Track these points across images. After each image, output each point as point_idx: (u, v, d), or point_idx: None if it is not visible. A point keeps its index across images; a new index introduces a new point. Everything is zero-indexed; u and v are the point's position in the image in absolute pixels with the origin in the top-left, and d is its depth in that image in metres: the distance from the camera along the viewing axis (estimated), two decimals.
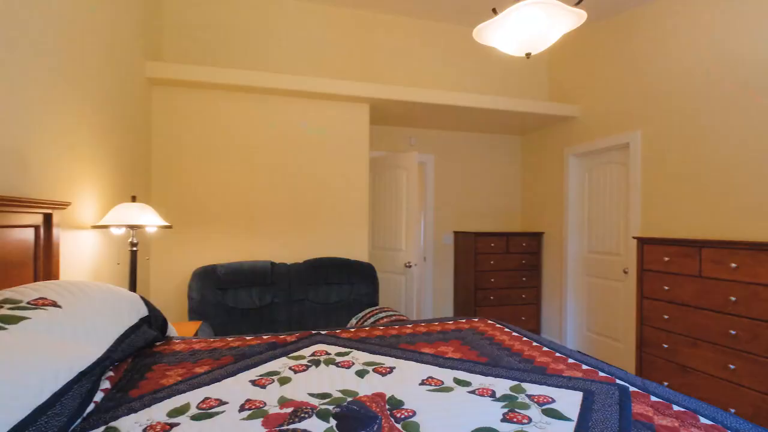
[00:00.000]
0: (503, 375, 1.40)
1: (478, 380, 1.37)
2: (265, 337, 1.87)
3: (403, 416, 1.12)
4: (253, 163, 3.26)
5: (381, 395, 1.24)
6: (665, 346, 2.66)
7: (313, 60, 3.70)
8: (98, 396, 1.15)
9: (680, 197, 2.99)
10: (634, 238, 3.01)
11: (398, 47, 3.98)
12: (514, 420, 1.10)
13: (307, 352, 1.66)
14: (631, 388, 1.28)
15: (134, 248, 2.29)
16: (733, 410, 2.24)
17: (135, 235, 2.30)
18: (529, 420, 1.09)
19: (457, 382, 1.36)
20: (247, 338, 1.84)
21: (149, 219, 2.24)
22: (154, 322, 1.71)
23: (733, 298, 2.27)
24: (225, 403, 1.18)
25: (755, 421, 2.11)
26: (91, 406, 1.09)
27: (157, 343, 1.73)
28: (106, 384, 1.23)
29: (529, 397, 1.24)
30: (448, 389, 1.30)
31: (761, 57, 2.49)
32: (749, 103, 2.55)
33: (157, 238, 3.03)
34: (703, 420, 1.08)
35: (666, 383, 2.61)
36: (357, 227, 3.53)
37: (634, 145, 3.37)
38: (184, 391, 1.25)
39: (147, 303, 1.70)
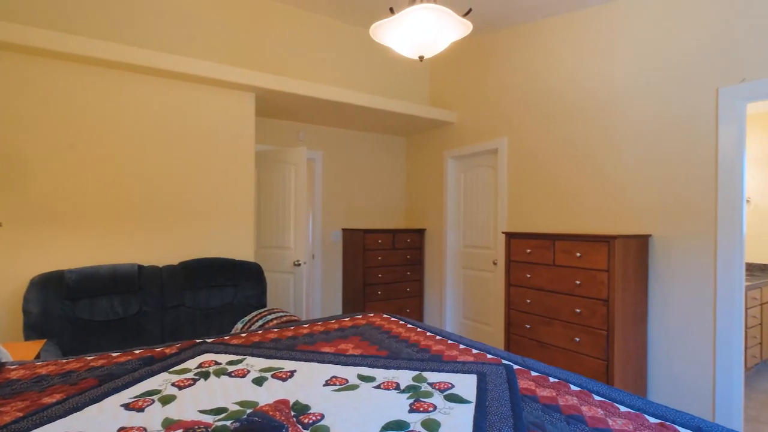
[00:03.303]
0: (404, 366, 1.44)
1: (381, 374, 1.37)
2: (137, 351, 1.61)
3: (311, 421, 1.06)
4: (118, 151, 2.79)
5: (284, 402, 1.16)
6: (528, 326, 3.06)
7: (199, 43, 3.32)
8: None
9: (539, 197, 3.46)
10: (502, 233, 3.39)
11: (290, 39, 3.82)
12: (421, 409, 1.13)
13: (192, 364, 1.47)
14: (515, 366, 1.43)
15: None
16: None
17: None
18: (435, 407, 1.14)
19: (362, 378, 1.35)
20: (114, 355, 1.56)
21: None
22: None
23: (578, 282, 2.71)
24: None
25: None
26: None
27: None
28: None
29: (431, 385, 1.29)
30: (354, 387, 1.28)
31: (598, 80, 3.03)
32: (593, 117, 3.07)
33: None
34: (573, 387, 1.26)
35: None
36: (242, 225, 3.28)
37: (502, 150, 3.79)
38: (28, 430, 1.00)
39: None
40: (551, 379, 1.32)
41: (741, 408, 2.29)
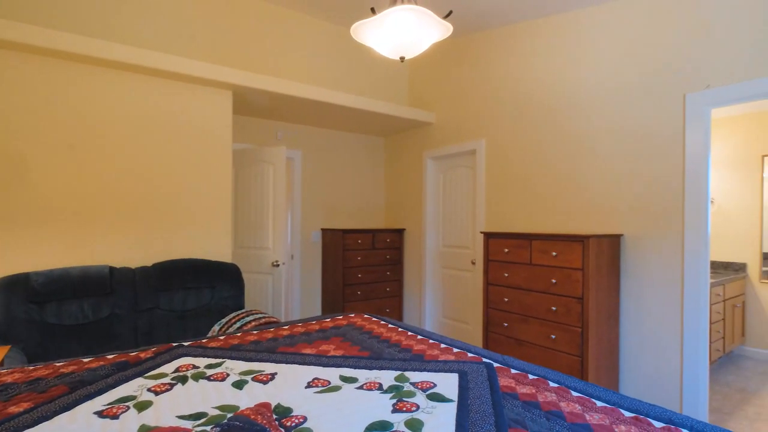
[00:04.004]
0: (387, 367, 1.44)
1: (364, 375, 1.37)
2: (110, 356, 1.56)
3: (293, 424, 1.05)
4: (89, 149, 2.68)
5: (266, 405, 1.14)
6: (505, 324, 3.11)
7: (176, 39, 3.23)
8: None
9: (516, 198, 3.53)
10: (481, 233, 3.44)
11: (269, 37, 3.76)
12: (404, 409, 1.13)
13: (168, 368, 1.44)
14: (495, 364, 1.45)
15: None
16: None
17: None
18: (417, 407, 1.14)
19: (344, 379, 1.34)
20: (85, 360, 1.50)
21: None
22: None
23: (554, 280, 2.78)
24: None
25: None
26: None
27: None
28: None
29: (413, 384, 1.29)
30: (336, 388, 1.27)
31: (570, 84, 3.11)
32: (566, 121, 3.15)
33: None
34: (551, 384, 1.29)
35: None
36: (219, 225, 3.21)
37: (480, 151, 3.85)
38: None
39: None
40: (530, 377, 1.34)
41: (706, 400, 2.39)
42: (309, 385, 1.29)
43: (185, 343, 1.71)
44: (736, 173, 4.22)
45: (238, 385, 1.30)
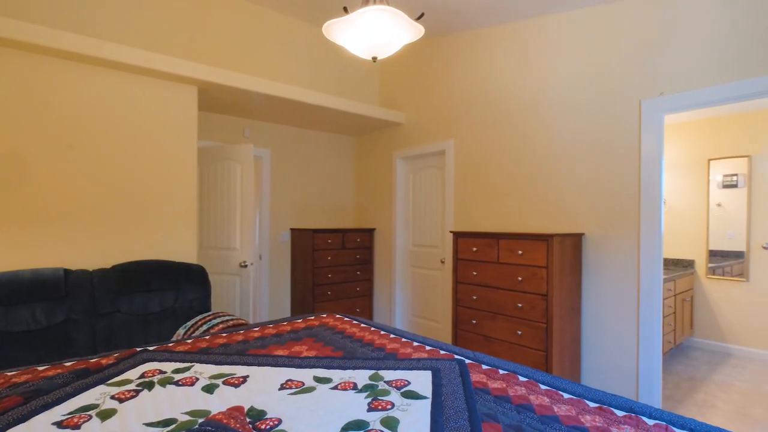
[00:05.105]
0: (361, 366, 1.44)
1: (338, 375, 1.37)
2: (67, 364, 1.47)
3: (268, 427, 1.04)
4: (42, 144, 2.52)
5: (239, 409, 1.12)
6: (474, 321, 3.18)
7: (142, 33, 3.08)
8: None
9: (484, 198, 3.61)
10: (450, 232, 3.50)
11: (238, 33, 3.66)
12: (379, 407, 1.14)
13: (133, 374, 1.38)
14: (467, 361, 1.49)
15: None
16: None
17: None
18: (393, 405, 1.15)
19: (318, 380, 1.33)
20: (40, 369, 1.42)
21: None
22: None
23: (520, 278, 2.87)
24: None
25: None
26: None
27: None
28: None
29: (388, 383, 1.30)
30: (311, 389, 1.26)
31: (534, 89, 3.21)
32: (530, 124, 3.25)
33: None
34: (521, 378, 1.33)
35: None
36: (184, 224, 3.10)
37: (449, 152, 3.91)
38: None
39: None
40: (501, 372, 1.39)
41: (660, 388, 2.55)
42: (283, 387, 1.28)
43: (150, 348, 1.64)
44: (685, 176, 4.51)
45: (209, 389, 1.26)
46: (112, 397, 1.20)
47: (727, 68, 2.29)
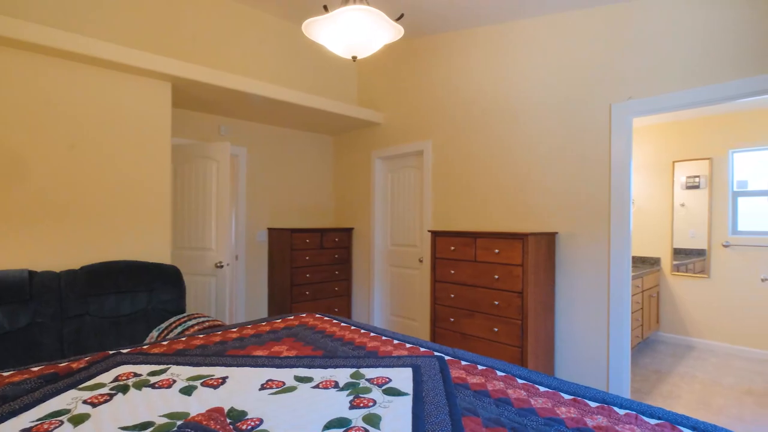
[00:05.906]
0: (342, 365, 1.44)
1: (319, 374, 1.37)
2: (35, 368, 1.42)
3: (249, 427, 1.03)
4: (7, 138, 2.40)
5: (218, 410, 1.10)
6: (452, 319, 3.22)
7: (112, 27, 2.97)
8: None
9: (461, 198, 3.67)
10: (428, 231, 3.54)
11: (215, 30, 3.59)
12: (361, 405, 1.15)
13: (106, 377, 1.34)
14: (447, 357, 1.51)
15: None
16: None
17: None
18: (374, 402, 1.16)
19: (299, 379, 1.33)
20: (5, 374, 1.36)
21: None
22: None
23: (496, 276, 2.93)
24: None
25: None
26: None
27: None
28: None
29: (369, 380, 1.31)
30: (292, 389, 1.26)
31: (508, 91, 3.28)
32: (505, 125, 3.32)
33: None
34: (499, 373, 1.37)
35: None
36: (157, 224, 3.02)
37: (427, 152, 3.95)
38: None
39: None
40: (479, 367, 1.42)
41: (629, 380, 2.65)
42: (263, 387, 1.26)
43: (123, 351, 1.59)
44: (651, 177, 4.70)
45: (187, 391, 1.24)
46: (85, 402, 1.16)
47: (691, 74, 2.41)
